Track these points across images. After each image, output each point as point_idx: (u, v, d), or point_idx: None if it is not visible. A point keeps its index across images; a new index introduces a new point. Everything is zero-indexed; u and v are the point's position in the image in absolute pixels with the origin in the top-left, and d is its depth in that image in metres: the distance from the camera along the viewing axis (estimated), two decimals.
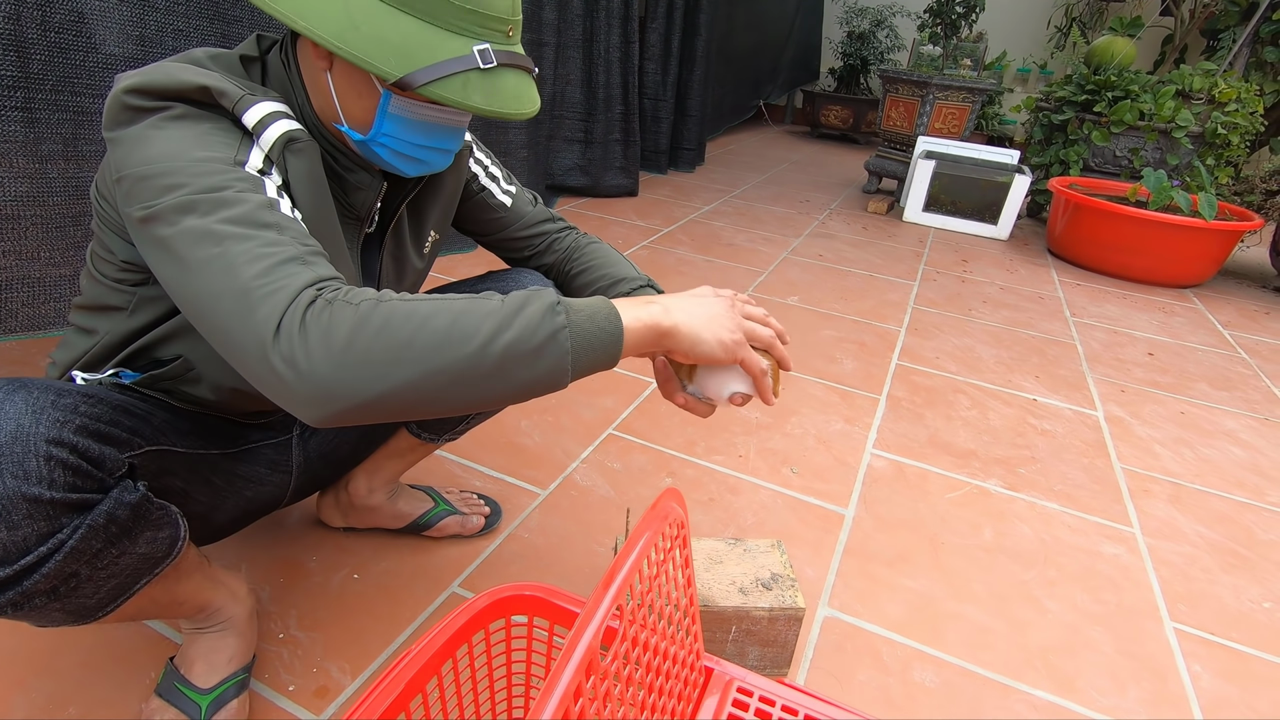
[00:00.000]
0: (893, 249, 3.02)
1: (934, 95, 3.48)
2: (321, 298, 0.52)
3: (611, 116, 3.13)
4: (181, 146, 0.56)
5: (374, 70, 0.58)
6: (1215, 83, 3.11)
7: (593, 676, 0.42)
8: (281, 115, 0.62)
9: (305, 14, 0.57)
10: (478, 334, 0.53)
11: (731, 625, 0.88)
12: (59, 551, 0.54)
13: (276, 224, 0.56)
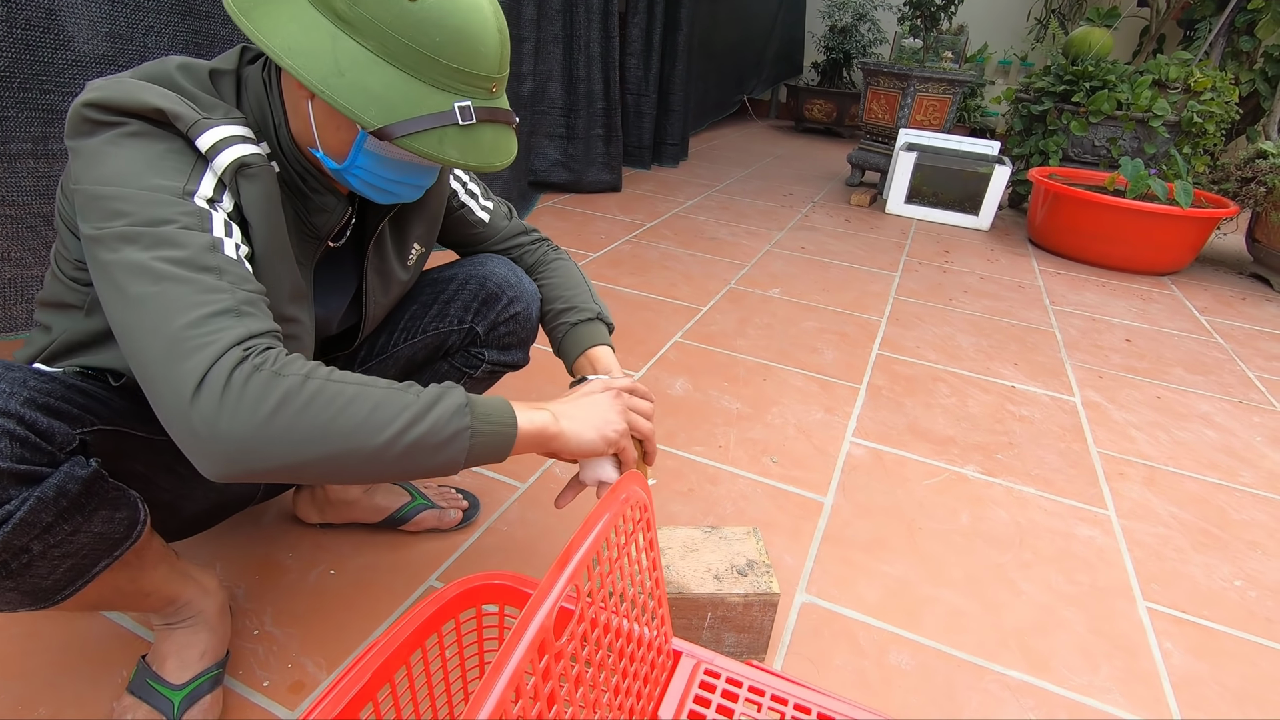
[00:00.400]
0: (875, 240, 3.03)
1: (915, 88, 3.49)
2: (249, 361, 0.54)
3: (593, 112, 3.13)
4: (133, 168, 0.57)
5: (354, 118, 0.59)
6: (1191, 72, 3.14)
7: (546, 656, 0.42)
8: (237, 140, 0.62)
9: (293, 52, 0.58)
10: (390, 426, 0.57)
11: (707, 612, 0.89)
12: (7, 523, 0.54)
13: (218, 268, 0.57)
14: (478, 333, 0.96)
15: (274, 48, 0.58)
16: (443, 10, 0.59)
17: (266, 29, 0.59)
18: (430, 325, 0.96)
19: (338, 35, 0.58)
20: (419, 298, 0.98)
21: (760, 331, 2.00)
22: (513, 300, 0.96)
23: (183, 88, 0.63)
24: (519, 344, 1.00)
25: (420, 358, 0.99)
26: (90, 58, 1.25)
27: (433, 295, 0.97)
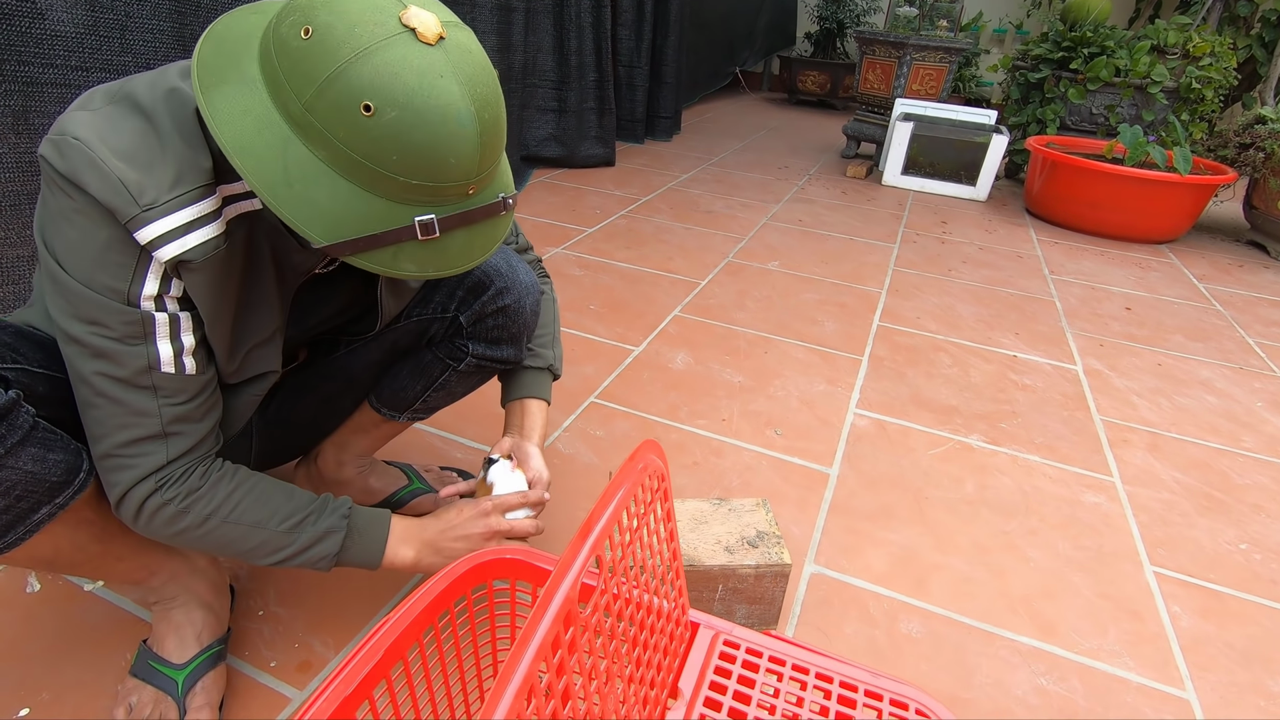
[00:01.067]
0: (872, 212, 3.00)
1: (911, 56, 3.44)
2: (159, 494, 0.65)
3: (585, 84, 3.07)
4: (81, 257, 0.58)
5: (299, 231, 0.54)
6: (1190, 37, 3.10)
7: (571, 628, 0.41)
8: (179, 232, 0.58)
9: (243, 152, 0.53)
10: (267, 558, 0.71)
11: (718, 584, 0.88)
12: None
13: (152, 386, 0.63)
14: (461, 323, 0.90)
15: (225, 143, 0.53)
16: (402, 125, 0.52)
17: (221, 118, 0.53)
18: (414, 310, 0.91)
19: (290, 140, 0.53)
20: None
21: (759, 304, 1.98)
22: (502, 291, 0.89)
23: (156, 125, 0.58)
24: (510, 339, 0.93)
25: (404, 344, 0.94)
26: (70, 27, 1.21)
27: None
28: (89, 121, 0.56)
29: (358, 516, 0.75)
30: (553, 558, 0.70)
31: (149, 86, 0.59)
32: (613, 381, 1.53)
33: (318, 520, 0.72)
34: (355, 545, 0.74)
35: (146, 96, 0.58)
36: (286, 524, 0.70)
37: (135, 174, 0.56)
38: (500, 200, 0.62)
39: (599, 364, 1.59)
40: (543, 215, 2.56)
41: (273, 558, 0.71)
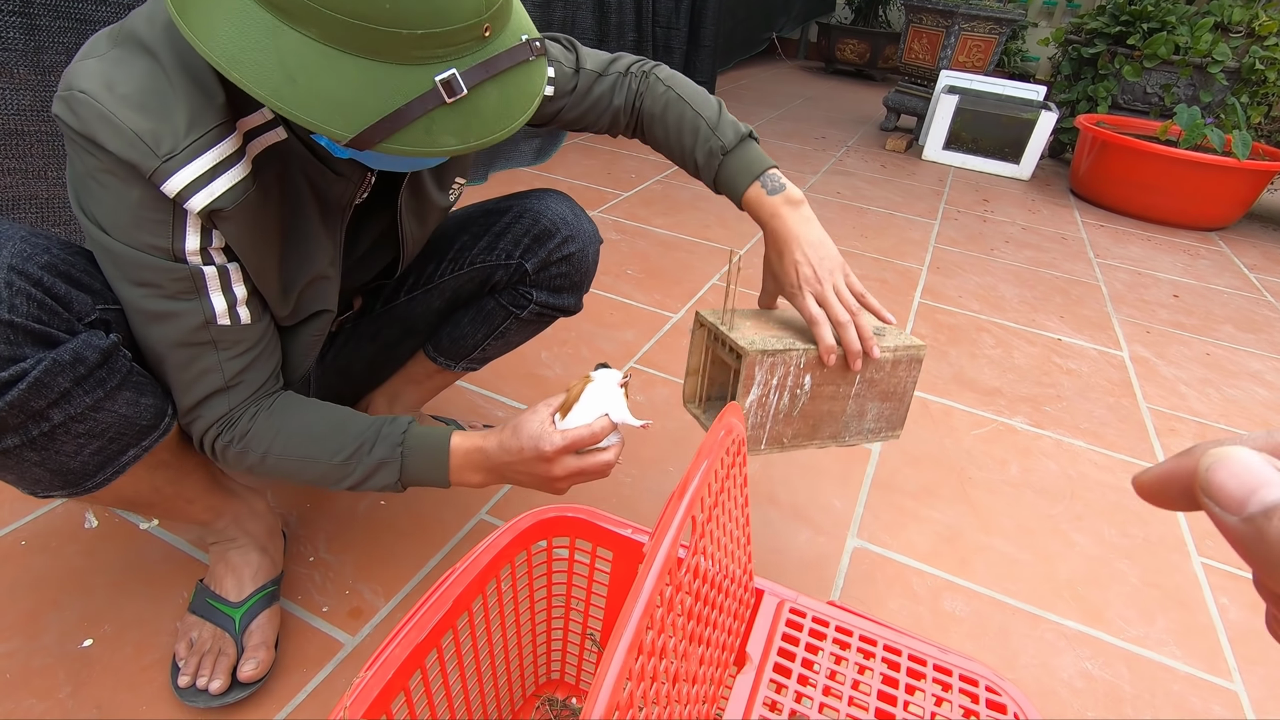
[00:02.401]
0: (912, 187, 2.93)
1: (960, 26, 3.33)
2: (223, 437, 0.67)
3: (624, 45, 3.00)
4: (119, 218, 0.56)
5: (319, 132, 0.49)
6: (1256, 14, 2.97)
7: (667, 587, 0.40)
8: (205, 179, 0.56)
9: (237, 62, 0.47)
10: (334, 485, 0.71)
11: (855, 375, 0.79)
12: (22, 380, 0.52)
13: (211, 342, 0.63)
14: (526, 270, 0.91)
15: (215, 57, 0.47)
16: None
17: (202, 33, 0.48)
18: (478, 258, 0.92)
19: (278, 29, 0.47)
20: (470, 228, 0.93)
21: None
22: (567, 239, 0.91)
23: (163, 63, 0.54)
24: (571, 287, 0.95)
25: (466, 291, 0.95)
26: None
27: (484, 226, 0.93)
28: (95, 70, 0.53)
29: (413, 443, 0.71)
30: (612, 518, 0.70)
31: (148, 21, 0.56)
32: (652, 347, 1.51)
33: (370, 451, 0.70)
34: (415, 473, 0.71)
35: (148, 33, 0.55)
36: (339, 457, 0.69)
37: (149, 123, 0.53)
38: (525, 43, 0.55)
39: (638, 329, 1.57)
40: (579, 178, 2.53)
41: (338, 487, 0.71)
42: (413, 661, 0.54)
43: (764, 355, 0.72)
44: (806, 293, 0.75)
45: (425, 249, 0.94)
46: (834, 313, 0.74)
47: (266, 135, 0.61)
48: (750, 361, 0.71)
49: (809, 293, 0.75)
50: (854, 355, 0.74)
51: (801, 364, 0.75)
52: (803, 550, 1.04)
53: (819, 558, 1.03)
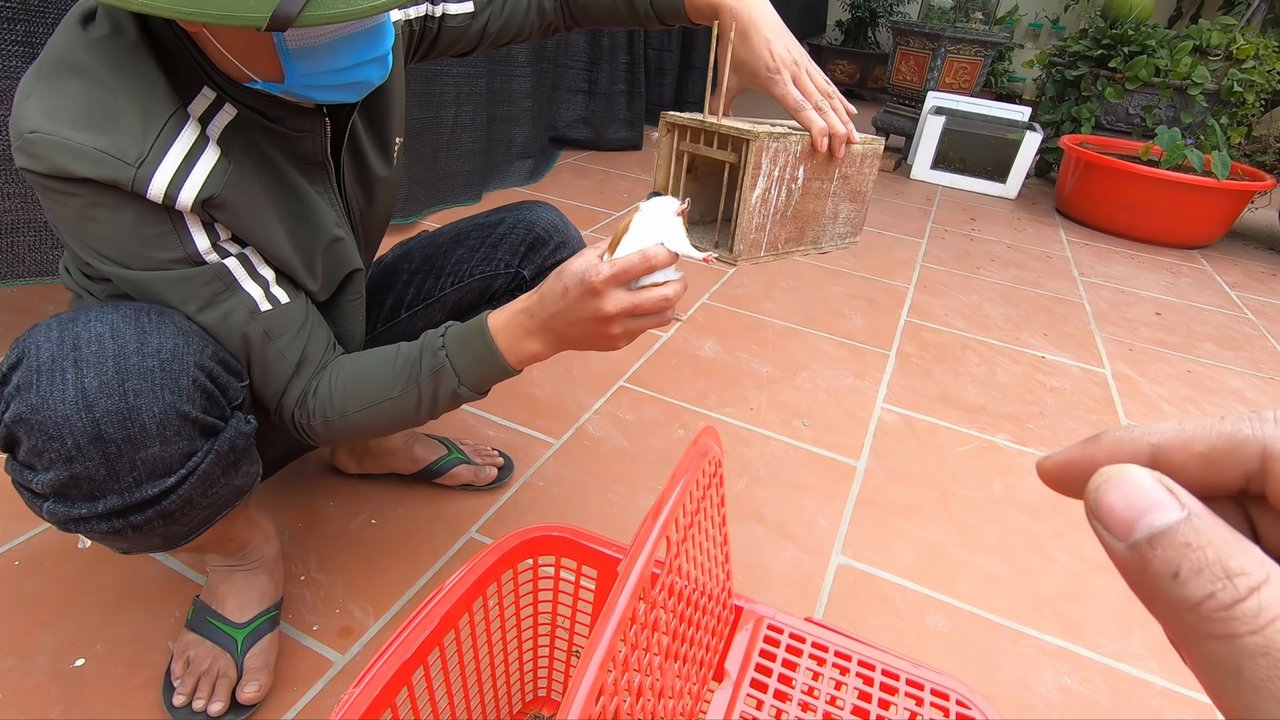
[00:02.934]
0: (900, 206, 2.98)
1: (946, 49, 3.39)
2: (301, 411, 0.70)
3: (616, 66, 3.05)
4: (124, 245, 0.57)
5: (237, 24, 0.48)
6: (1234, 38, 3.04)
7: (641, 604, 0.42)
8: (183, 171, 0.56)
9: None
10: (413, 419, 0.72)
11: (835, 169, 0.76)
12: (194, 474, 0.57)
13: (264, 334, 0.65)
14: (524, 276, 0.95)
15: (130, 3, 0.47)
16: None
17: None
18: (477, 269, 0.95)
19: None
20: (465, 242, 0.96)
21: (787, 295, 1.98)
22: (560, 245, 0.95)
23: (93, 74, 0.54)
24: None
25: (467, 302, 0.98)
26: None
27: (480, 239, 0.96)
28: (34, 108, 0.53)
29: (453, 340, 0.69)
30: (597, 536, 0.71)
31: (64, 42, 0.56)
32: (642, 366, 1.54)
33: (421, 369, 0.68)
34: (470, 368, 0.68)
35: (68, 53, 0.55)
36: (398, 388, 0.69)
37: (106, 136, 0.53)
38: None
39: (629, 349, 1.60)
40: (572, 198, 2.57)
41: (419, 417, 0.71)
42: (400, 679, 0.55)
43: (770, 139, 0.65)
44: (785, 74, 0.71)
45: (423, 266, 0.96)
46: (814, 96, 0.70)
47: (219, 116, 0.60)
48: (759, 147, 0.64)
49: (787, 74, 0.71)
50: (840, 139, 0.70)
51: (798, 152, 0.69)
52: (788, 567, 1.05)
53: (804, 575, 1.05)
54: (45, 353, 0.54)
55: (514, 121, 2.55)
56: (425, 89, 2.01)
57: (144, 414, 0.54)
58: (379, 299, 0.98)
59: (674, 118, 0.71)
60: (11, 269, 1.17)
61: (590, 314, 0.62)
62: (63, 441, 0.53)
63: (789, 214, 0.73)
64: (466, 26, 0.84)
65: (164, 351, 0.56)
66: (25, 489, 0.58)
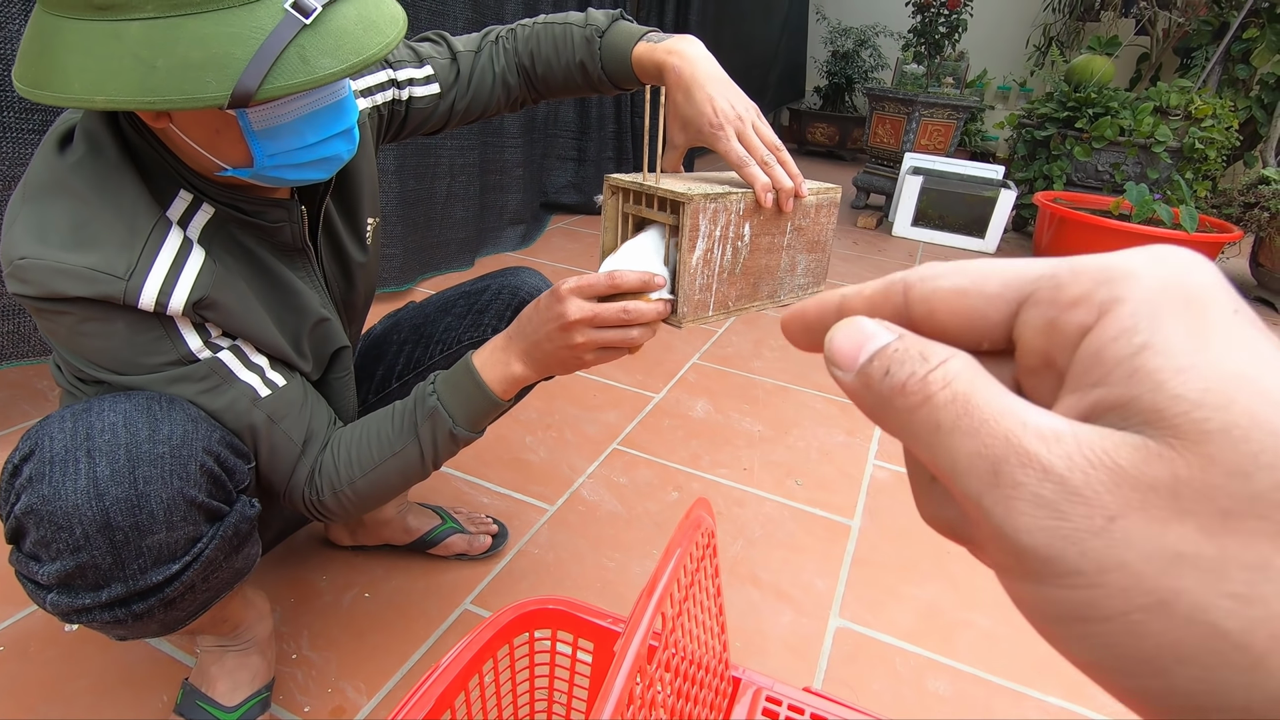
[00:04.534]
0: (883, 263, 3.06)
1: (920, 113, 3.55)
2: (311, 488, 0.72)
3: (604, 135, 3.17)
4: (119, 355, 0.59)
5: (199, 104, 0.49)
6: (1191, 99, 3.20)
7: (639, 685, 0.43)
8: (171, 279, 0.57)
9: (101, 86, 0.48)
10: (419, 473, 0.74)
11: (787, 223, 0.76)
12: (198, 560, 0.57)
13: (267, 419, 0.66)
14: None
15: (79, 96, 0.48)
16: None
17: (58, 83, 0.49)
18: (465, 335, 0.96)
19: (119, 29, 0.47)
20: (452, 310, 0.98)
21: (776, 354, 2.01)
22: None
23: (75, 192, 0.56)
24: None
25: None
26: None
27: (466, 307, 0.98)
28: (22, 233, 0.55)
29: (442, 384, 0.72)
30: (593, 608, 0.71)
31: (43, 165, 0.58)
32: (635, 428, 1.55)
33: (416, 418, 0.72)
34: (462, 406, 0.71)
35: (48, 174, 0.57)
36: (399, 444, 0.72)
37: (95, 254, 0.54)
38: None
39: (621, 410, 1.61)
40: (561, 261, 2.62)
41: (425, 468, 0.73)
42: None
43: (707, 201, 0.65)
44: (729, 130, 0.71)
45: (412, 336, 0.98)
46: (758, 152, 0.70)
47: (198, 216, 0.62)
48: (694, 209, 0.64)
49: (731, 130, 0.71)
50: (786, 194, 0.70)
51: (741, 210, 0.69)
52: (785, 632, 1.05)
53: (802, 639, 1.04)
54: (59, 444, 0.55)
55: (506, 190, 2.62)
56: (420, 161, 2.08)
57: (152, 500, 0.55)
58: (369, 370, 0.99)
59: (616, 180, 0.72)
60: (16, 349, 1.18)
61: (554, 320, 0.65)
62: (71, 531, 0.53)
63: (737, 272, 0.73)
64: (434, 107, 0.85)
65: (175, 438, 0.57)
66: (30, 581, 0.58)
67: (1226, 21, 3.49)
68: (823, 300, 0.21)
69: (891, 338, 0.17)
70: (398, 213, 2.01)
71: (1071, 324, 0.15)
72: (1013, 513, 0.14)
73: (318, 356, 0.75)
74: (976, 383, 0.15)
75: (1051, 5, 4.86)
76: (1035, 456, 0.14)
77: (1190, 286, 0.14)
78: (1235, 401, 0.13)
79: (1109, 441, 0.13)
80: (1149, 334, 0.14)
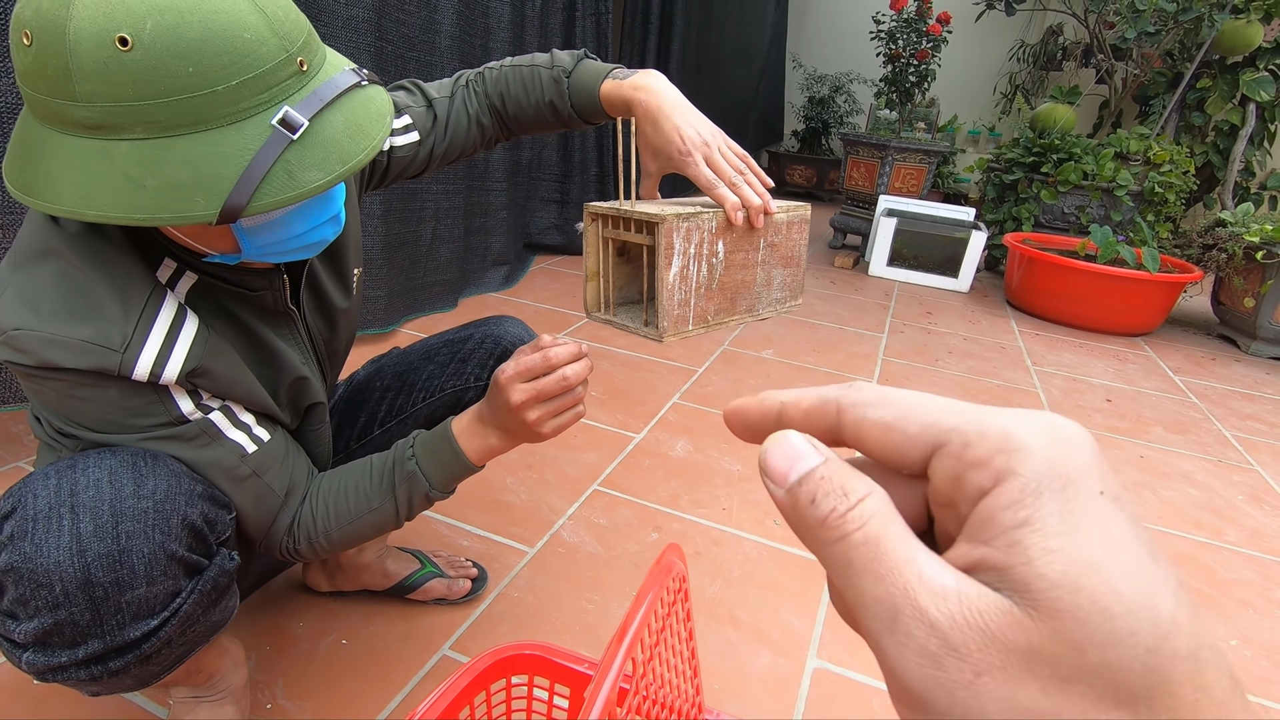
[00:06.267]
0: (860, 302, 3.13)
1: (893, 157, 3.67)
2: (294, 543, 0.76)
3: (587, 178, 3.24)
4: (111, 418, 0.59)
5: (189, 222, 0.49)
6: (1150, 145, 3.34)
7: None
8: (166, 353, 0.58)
9: (91, 201, 0.48)
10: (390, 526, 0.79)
11: (760, 239, 0.79)
12: (176, 615, 0.58)
13: (253, 473, 0.69)
14: None
15: (68, 207, 0.49)
16: (166, 29, 0.46)
17: (48, 193, 0.49)
18: (448, 383, 0.98)
19: (107, 148, 0.48)
20: (436, 359, 1.00)
21: (755, 392, 2.03)
22: None
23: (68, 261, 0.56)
24: None
25: (439, 415, 1.00)
26: None
27: (449, 355, 1.00)
28: (13, 302, 0.55)
29: (421, 448, 0.78)
30: (569, 653, 0.72)
31: (33, 231, 0.58)
32: (615, 469, 1.56)
33: (395, 479, 0.77)
34: (439, 472, 0.77)
35: (38, 241, 0.57)
36: (376, 500, 0.77)
37: (89, 325, 0.55)
38: (351, 70, 0.56)
39: (601, 451, 1.63)
40: (544, 301, 2.66)
41: (398, 521, 0.78)
42: None
43: (679, 220, 0.69)
44: (697, 155, 0.74)
45: (395, 383, 1.00)
46: (726, 174, 0.73)
47: (182, 282, 0.63)
48: (668, 229, 0.68)
49: (699, 155, 0.74)
50: (755, 211, 0.73)
51: (713, 228, 0.73)
52: (763, 673, 1.05)
53: (780, 680, 1.04)
54: (42, 500, 0.55)
55: (490, 231, 2.67)
56: (407, 205, 2.12)
57: (134, 556, 0.55)
58: (353, 415, 1.01)
59: (595, 207, 0.77)
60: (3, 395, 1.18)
61: (504, 405, 0.73)
62: (51, 588, 0.53)
63: (714, 287, 0.77)
64: (414, 154, 0.88)
65: (158, 492, 0.58)
66: (5, 639, 0.57)
67: (1180, 72, 3.67)
68: (763, 404, 0.23)
69: (818, 461, 0.20)
70: (383, 257, 2.04)
71: (973, 484, 0.18)
72: (904, 659, 0.17)
73: (294, 409, 0.78)
74: (888, 528, 0.18)
75: (1016, 56, 5.08)
76: (926, 612, 0.17)
77: (1070, 468, 0.17)
78: (1083, 588, 0.16)
79: (984, 603, 0.16)
80: (1031, 510, 0.17)
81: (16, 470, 1.33)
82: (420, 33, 2.01)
